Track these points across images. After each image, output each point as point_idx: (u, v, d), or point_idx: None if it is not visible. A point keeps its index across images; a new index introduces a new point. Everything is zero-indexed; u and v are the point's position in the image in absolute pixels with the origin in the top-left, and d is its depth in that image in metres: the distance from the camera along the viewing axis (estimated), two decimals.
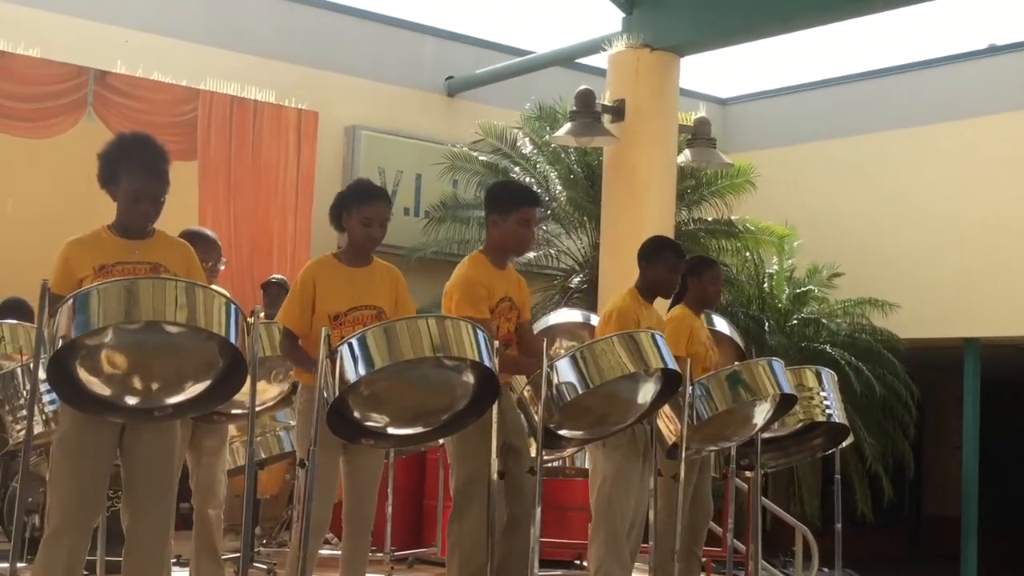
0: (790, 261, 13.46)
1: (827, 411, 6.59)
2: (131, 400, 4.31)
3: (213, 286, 4.86)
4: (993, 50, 14.52)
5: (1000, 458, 16.60)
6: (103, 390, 4.25)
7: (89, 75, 9.99)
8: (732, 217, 13.10)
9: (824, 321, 13.23)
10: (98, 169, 4.55)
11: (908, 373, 13.28)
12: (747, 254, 13.25)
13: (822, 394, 6.57)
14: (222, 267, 6.43)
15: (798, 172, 14.73)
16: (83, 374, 4.21)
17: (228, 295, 4.48)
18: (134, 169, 4.47)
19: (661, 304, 6.28)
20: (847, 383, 11.33)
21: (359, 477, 5.03)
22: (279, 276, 9.07)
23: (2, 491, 7.30)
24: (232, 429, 7.02)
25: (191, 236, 5.86)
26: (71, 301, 4.14)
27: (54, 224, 7.37)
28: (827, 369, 6.80)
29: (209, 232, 6.54)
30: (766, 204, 13.36)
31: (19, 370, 5.56)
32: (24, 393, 5.35)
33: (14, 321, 7.14)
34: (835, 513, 6.90)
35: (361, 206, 5.02)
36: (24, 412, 5.07)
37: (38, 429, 4.82)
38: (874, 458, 12.81)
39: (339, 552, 5.20)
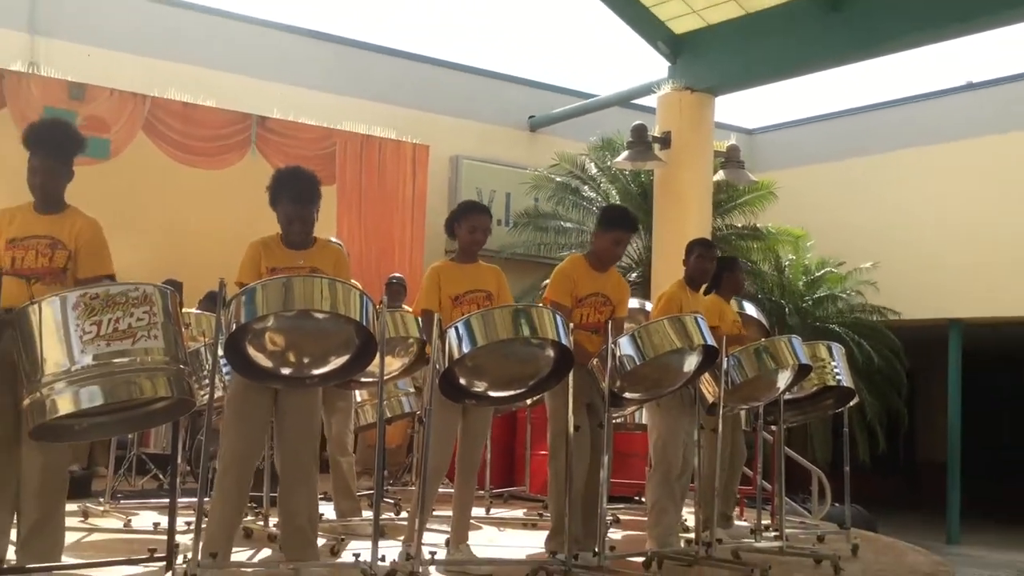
0: (808, 256, 13.31)
1: (837, 377, 6.51)
2: (287, 371, 4.36)
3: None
4: (971, 86, 14.24)
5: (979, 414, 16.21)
6: (266, 363, 4.31)
7: (252, 120, 10.14)
8: (757, 224, 13.03)
9: (833, 297, 13.05)
10: (269, 196, 4.64)
11: (904, 347, 13.03)
12: (769, 252, 13.12)
13: (833, 364, 6.49)
14: None
15: (812, 188, 14.53)
16: (251, 351, 4.27)
17: (361, 288, 4.53)
18: (284, 199, 4.57)
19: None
20: (851, 353, 11.14)
21: (471, 431, 5.11)
22: (398, 275, 9.12)
23: (191, 442, 7.46)
24: (364, 394, 7.12)
25: None
26: (242, 295, 4.20)
27: (224, 238, 7.50)
28: (837, 343, 6.72)
29: (338, 242, 6.57)
30: (786, 214, 13.23)
31: (202, 348, 5.69)
32: (207, 366, 5.48)
33: (197, 311, 7.32)
34: (843, 458, 6.80)
35: (469, 216, 5.17)
36: (207, 381, 5.19)
37: (217, 394, 4.92)
38: (873, 415, 12.59)
39: (451, 490, 5.24)
